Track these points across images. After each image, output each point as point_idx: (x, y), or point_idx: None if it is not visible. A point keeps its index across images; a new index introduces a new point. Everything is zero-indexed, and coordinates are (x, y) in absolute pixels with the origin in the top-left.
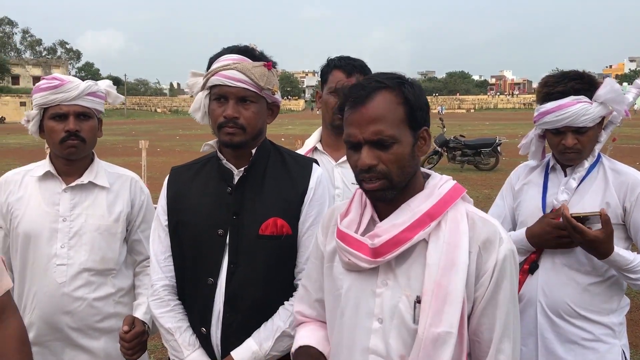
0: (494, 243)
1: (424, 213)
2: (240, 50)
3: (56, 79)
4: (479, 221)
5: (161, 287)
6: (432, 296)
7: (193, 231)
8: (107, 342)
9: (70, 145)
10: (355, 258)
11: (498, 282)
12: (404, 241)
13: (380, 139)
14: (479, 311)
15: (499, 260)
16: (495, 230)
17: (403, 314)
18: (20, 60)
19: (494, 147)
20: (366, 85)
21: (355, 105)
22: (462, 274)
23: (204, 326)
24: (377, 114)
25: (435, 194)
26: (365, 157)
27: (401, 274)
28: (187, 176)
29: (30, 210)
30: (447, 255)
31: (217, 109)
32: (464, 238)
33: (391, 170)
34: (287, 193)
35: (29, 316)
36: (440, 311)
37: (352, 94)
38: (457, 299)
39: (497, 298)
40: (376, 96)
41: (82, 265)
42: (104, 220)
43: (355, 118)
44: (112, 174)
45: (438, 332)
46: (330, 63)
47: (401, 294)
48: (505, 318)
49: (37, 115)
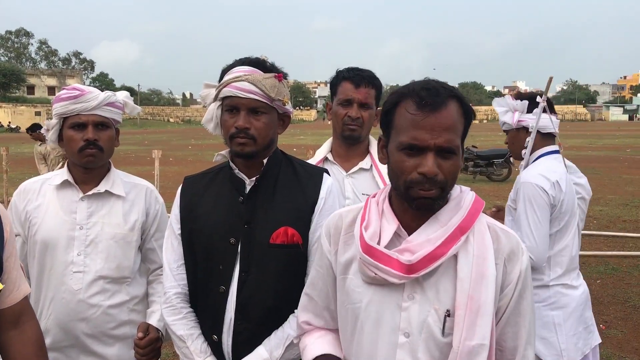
0: (518, 255)
1: (456, 227)
2: (252, 62)
3: (76, 89)
4: (502, 233)
5: (174, 295)
6: (465, 309)
7: (205, 240)
8: (121, 348)
9: (88, 154)
10: (384, 273)
11: (521, 292)
12: (439, 256)
13: (450, 147)
14: (504, 321)
15: (522, 270)
16: (518, 241)
17: (432, 328)
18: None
19: (507, 158)
20: (441, 91)
21: (430, 110)
22: (492, 286)
23: (216, 334)
24: (451, 122)
25: (463, 207)
26: (432, 164)
27: (429, 287)
28: (200, 185)
29: (48, 218)
30: (477, 269)
31: (228, 119)
32: (490, 251)
33: (447, 181)
34: (298, 202)
35: (45, 322)
36: (474, 324)
37: (426, 97)
38: (488, 311)
39: (521, 307)
40: (450, 104)
41: (98, 272)
42: (120, 228)
43: (429, 122)
44: (128, 183)
45: (472, 344)
46: (339, 75)
47: (430, 308)
48: (528, 326)
49: (56, 124)
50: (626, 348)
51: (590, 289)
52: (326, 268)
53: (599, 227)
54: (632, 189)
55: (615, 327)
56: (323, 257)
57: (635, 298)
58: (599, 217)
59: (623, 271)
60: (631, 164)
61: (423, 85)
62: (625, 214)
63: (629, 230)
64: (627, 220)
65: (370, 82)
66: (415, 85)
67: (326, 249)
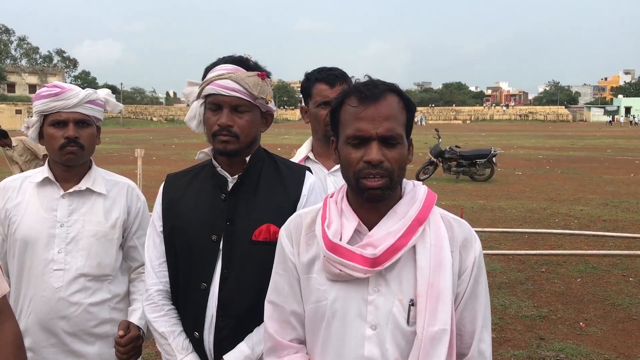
0: (471, 242)
1: (414, 219)
2: (235, 60)
3: (57, 87)
4: (454, 222)
5: (155, 292)
6: (426, 297)
7: (187, 237)
8: (102, 347)
9: (69, 152)
10: (349, 269)
11: (477, 277)
12: (400, 248)
13: (392, 135)
14: (462, 306)
15: (476, 257)
16: (470, 229)
17: (397, 318)
18: (16, 68)
19: (489, 158)
20: (379, 85)
21: (370, 102)
22: (449, 273)
23: (197, 330)
24: (390, 112)
25: (419, 200)
26: (376, 152)
27: (392, 279)
28: (182, 183)
29: (28, 216)
30: (435, 257)
31: (211, 117)
32: (446, 240)
33: (394, 169)
34: (280, 200)
35: (24, 321)
36: (435, 310)
37: (365, 90)
38: (448, 297)
39: (477, 292)
40: (388, 96)
41: (79, 270)
42: (101, 226)
43: (369, 113)
44: (109, 181)
45: (435, 330)
46: (311, 77)
47: (394, 299)
48: (484, 309)
49: (37, 122)
50: (605, 345)
51: (570, 288)
52: (290, 271)
53: (579, 227)
54: (612, 189)
55: (595, 324)
56: (286, 260)
57: (615, 296)
58: (580, 216)
59: (603, 270)
60: (611, 164)
61: (363, 82)
62: (606, 214)
63: (608, 229)
64: (607, 219)
65: (343, 80)
66: (356, 83)
67: (289, 251)
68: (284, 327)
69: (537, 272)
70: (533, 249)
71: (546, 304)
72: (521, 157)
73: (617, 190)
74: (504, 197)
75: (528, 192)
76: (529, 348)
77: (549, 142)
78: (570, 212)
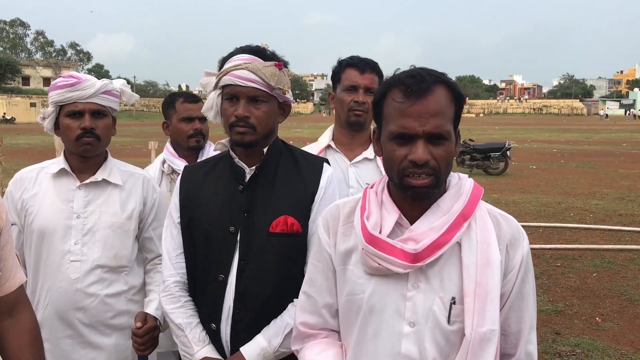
0: (519, 240)
1: (459, 214)
2: (252, 50)
3: (73, 77)
4: (502, 219)
5: (172, 284)
6: (474, 296)
7: (205, 228)
8: (118, 338)
9: (85, 143)
10: (388, 263)
11: (524, 277)
12: (443, 244)
13: (440, 133)
14: (508, 306)
15: (524, 255)
16: (518, 226)
17: (437, 316)
18: (30, 61)
19: (503, 151)
20: (426, 77)
21: (416, 97)
22: (498, 272)
23: (214, 322)
24: (439, 108)
25: (464, 194)
26: (423, 151)
27: (433, 275)
28: (200, 174)
29: (44, 207)
30: (482, 255)
31: (228, 108)
32: (493, 236)
33: (441, 167)
34: (298, 191)
35: (41, 312)
36: (483, 310)
37: (411, 84)
38: (495, 296)
39: (524, 291)
40: (436, 90)
41: (96, 261)
42: (117, 217)
43: (416, 110)
44: (125, 172)
45: (484, 331)
46: (343, 63)
47: (434, 296)
48: (532, 310)
49: (53, 112)
50: (622, 341)
51: (586, 283)
52: (325, 262)
53: (595, 221)
54: (628, 183)
55: (612, 320)
56: (322, 251)
57: (631, 291)
58: (595, 210)
59: (619, 264)
60: (627, 158)
61: (409, 73)
62: (621, 208)
63: (624, 224)
64: (623, 214)
65: (373, 69)
66: (401, 74)
67: (325, 242)
68: (314, 319)
69: (552, 266)
70: (548, 244)
71: (562, 299)
72: (535, 151)
73: (633, 184)
74: (518, 191)
75: (542, 186)
76: (545, 343)
77: (563, 135)
78: (585, 207)
